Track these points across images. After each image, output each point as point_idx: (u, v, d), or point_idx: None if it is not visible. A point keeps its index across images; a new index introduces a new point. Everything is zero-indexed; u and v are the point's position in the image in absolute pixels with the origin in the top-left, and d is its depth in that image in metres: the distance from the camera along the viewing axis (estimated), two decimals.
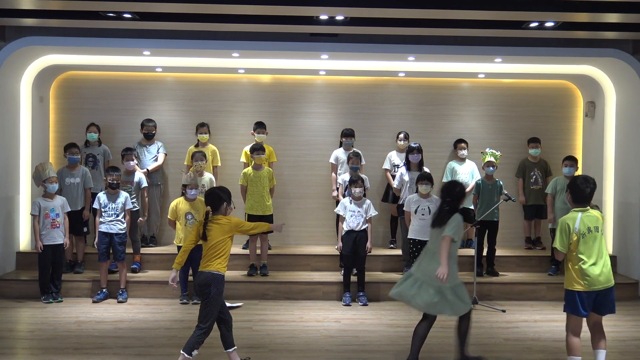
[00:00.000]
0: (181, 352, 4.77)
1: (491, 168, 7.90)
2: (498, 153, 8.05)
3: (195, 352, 4.79)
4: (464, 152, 8.72)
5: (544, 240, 8.69)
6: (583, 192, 4.71)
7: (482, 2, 6.43)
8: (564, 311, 4.88)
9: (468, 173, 8.57)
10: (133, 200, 7.61)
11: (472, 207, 8.21)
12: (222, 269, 4.88)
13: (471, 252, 7.85)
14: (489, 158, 7.95)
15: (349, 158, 7.77)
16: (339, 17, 6.81)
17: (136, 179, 7.76)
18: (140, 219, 7.76)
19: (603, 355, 4.83)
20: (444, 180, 8.78)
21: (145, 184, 7.86)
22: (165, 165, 8.69)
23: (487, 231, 7.88)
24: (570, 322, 4.82)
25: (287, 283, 7.45)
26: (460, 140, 8.83)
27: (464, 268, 8.03)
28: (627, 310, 7.11)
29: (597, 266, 4.66)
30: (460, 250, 8.36)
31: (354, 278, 7.33)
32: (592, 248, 4.67)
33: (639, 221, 7.78)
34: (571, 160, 7.93)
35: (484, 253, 7.94)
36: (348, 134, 8.37)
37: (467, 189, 7.73)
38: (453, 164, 8.77)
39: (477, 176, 8.42)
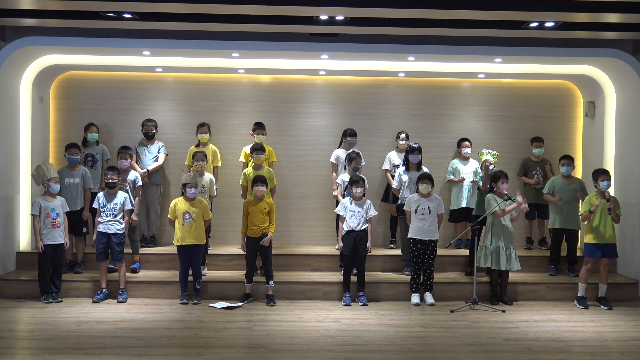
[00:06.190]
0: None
1: (489, 167, 7.86)
2: (495, 153, 8.03)
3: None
4: (468, 151, 8.71)
5: (550, 240, 8.60)
6: None
7: (482, 2, 6.43)
8: None
9: (471, 172, 8.55)
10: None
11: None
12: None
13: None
14: (485, 157, 7.93)
15: (350, 158, 7.73)
16: (339, 17, 6.81)
17: (132, 177, 7.75)
18: (134, 217, 7.56)
19: None
20: (447, 178, 8.77)
21: (140, 182, 7.83)
22: (166, 165, 8.69)
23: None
24: None
25: (287, 283, 7.45)
26: (464, 139, 8.81)
27: (462, 268, 8.06)
28: (627, 310, 7.12)
29: None
30: (460, 251, 8.45)
31: (354, 278, 7.33)
32: None
33: (639, 221, 7.79)
34: (568, 160, 7.92)
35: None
36: (352, 133, 8.37)
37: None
38: (456, 162, 8.76)
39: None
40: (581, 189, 7.82)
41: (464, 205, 8.50)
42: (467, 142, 8.76)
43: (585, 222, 7.28)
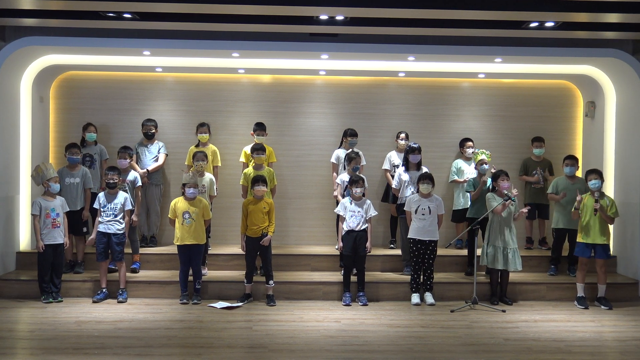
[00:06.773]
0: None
1: (484, 166, 7.84)
2: (488, 152, 8.01)
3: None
4: (471, 151, 8.70)
5: (550, 240, 8.57)
6: None
7: (482, 2, 6.43)
8: None
9: (474, 172, 8.53)
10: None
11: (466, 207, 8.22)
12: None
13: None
14: (480, 157, 7.91)
15: (350, 158, 7.73)
16: (339, 17, 6.81)
17: (131, 177, 7.74)
18: (134, 218, 7.58)
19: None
20: (451, 178, 8.75)
21: (139, 182, 7.83)
22: (166, 165, 8.69)
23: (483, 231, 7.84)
24: None
25: (287, 283, 7.45)
26: (467, 139, 8.80)
27: (462, 268, 8.06)
28: (627, 310, 7.12)
29: None
30: (460, 251, 8.45)
31: (353, 278, 7.33)
32: None
33: (639, 221, 7.79)
34: (572, 160, 7.92)
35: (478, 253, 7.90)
36: (352, 133, 8.37)
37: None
38: (459, 162, 8.74)
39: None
40: (584, 189, 7.80)
41: (466, 205, 8.47)
42: (470, 143, 8.74)
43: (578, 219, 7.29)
